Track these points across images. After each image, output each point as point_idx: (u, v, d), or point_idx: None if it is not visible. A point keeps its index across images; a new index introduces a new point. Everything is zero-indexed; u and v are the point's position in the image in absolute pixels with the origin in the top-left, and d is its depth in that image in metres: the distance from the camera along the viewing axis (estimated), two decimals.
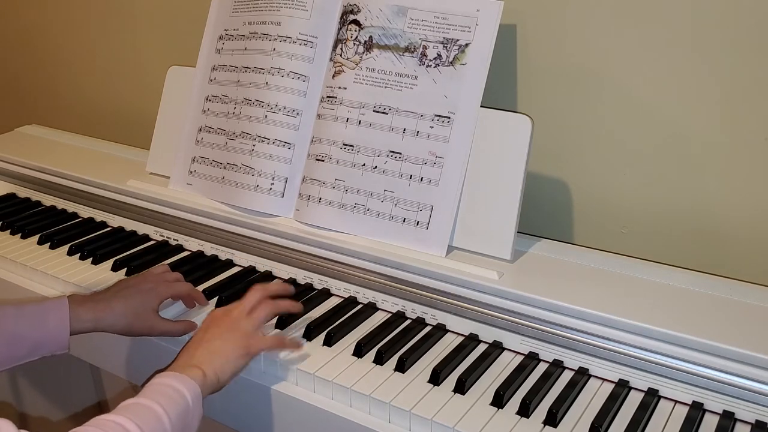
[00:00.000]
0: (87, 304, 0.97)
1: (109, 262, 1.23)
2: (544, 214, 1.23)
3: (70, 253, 1.27)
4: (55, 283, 1.19)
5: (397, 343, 0.98)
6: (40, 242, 1.31)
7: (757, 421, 0.83)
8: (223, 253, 1.24)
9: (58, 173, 1.45)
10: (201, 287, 1.13)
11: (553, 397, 0.88)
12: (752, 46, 1.00)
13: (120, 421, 0.73)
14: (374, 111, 1.11)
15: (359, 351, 0.97)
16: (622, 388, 0.90)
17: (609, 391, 0.90)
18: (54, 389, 1.69)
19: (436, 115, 1.07)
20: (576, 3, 1.12)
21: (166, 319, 1.02)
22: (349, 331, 1.02)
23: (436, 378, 0.91)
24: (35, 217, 1.42)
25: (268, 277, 1.18)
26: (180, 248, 1.28)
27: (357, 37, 1.13)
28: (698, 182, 1.09)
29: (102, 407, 1.78)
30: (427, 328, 1.03)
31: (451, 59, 1.07)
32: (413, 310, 1.05)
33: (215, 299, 1.11)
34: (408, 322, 1.05)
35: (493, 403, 0.87)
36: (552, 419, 0.84)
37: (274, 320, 1.03)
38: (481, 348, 0.99)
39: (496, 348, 0.98)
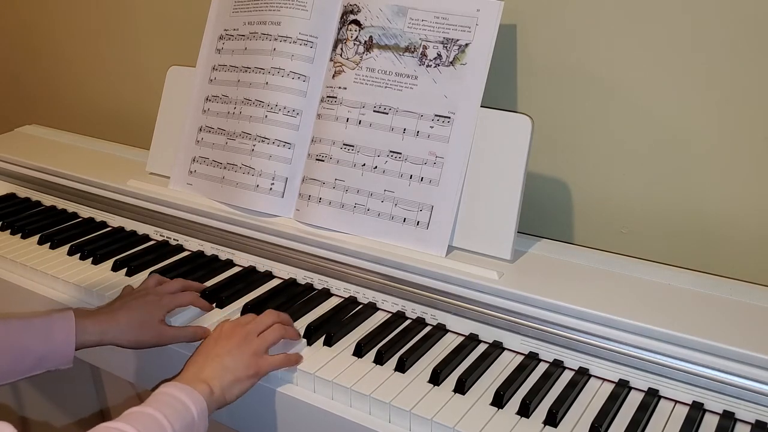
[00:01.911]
0: (92, 316, 0.97)
1: (109, 262, 1.23)
2: (544, 214, 1.23)
3: (70, 253, 1.27)
4: (55, 283, 1.19)
5: (397, 343, 0.98)
6: (40, 242, 1.31)
7: (757, 421, 0.83)
8: (223, 253, 1.24)
9: (58, 173, 1.45)
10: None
11: (553, 397, 0.88)
12: (752, 46, 1.00)
13: (123, 429, 0.73)
14: (374, 111, 1.11)
15: (359, 351, 0.97)
16: (622, 388, 0.90)
17: (609, 391, 0.90)
18: (55, 398, 1.68)
19: (436, 115, 1.07)
20: (576, 3, 1.12)
21: (174, 327, 1.01)
22: (349, 331, 1.02)
23: (436, 378, 0.91)
24: (35, 217, 1.42)
25: (268, 276, 1.18)
26: (180, 248, 1.28)
27: (357, 37, 1.13)
28: (698, 182, 1.09)
29: (104, 416, 1.77)
30: (427, 328, 1.03)
31: (451, 59, 1.07)
32: (413, 310, 1.05)
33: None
34: (408, 322, 1.05)
35: (493, 403, 0.87)
36: (552, 419, 0.84)
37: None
38: (481, 348, 0.99)
39: (496, 348, 0.98)
